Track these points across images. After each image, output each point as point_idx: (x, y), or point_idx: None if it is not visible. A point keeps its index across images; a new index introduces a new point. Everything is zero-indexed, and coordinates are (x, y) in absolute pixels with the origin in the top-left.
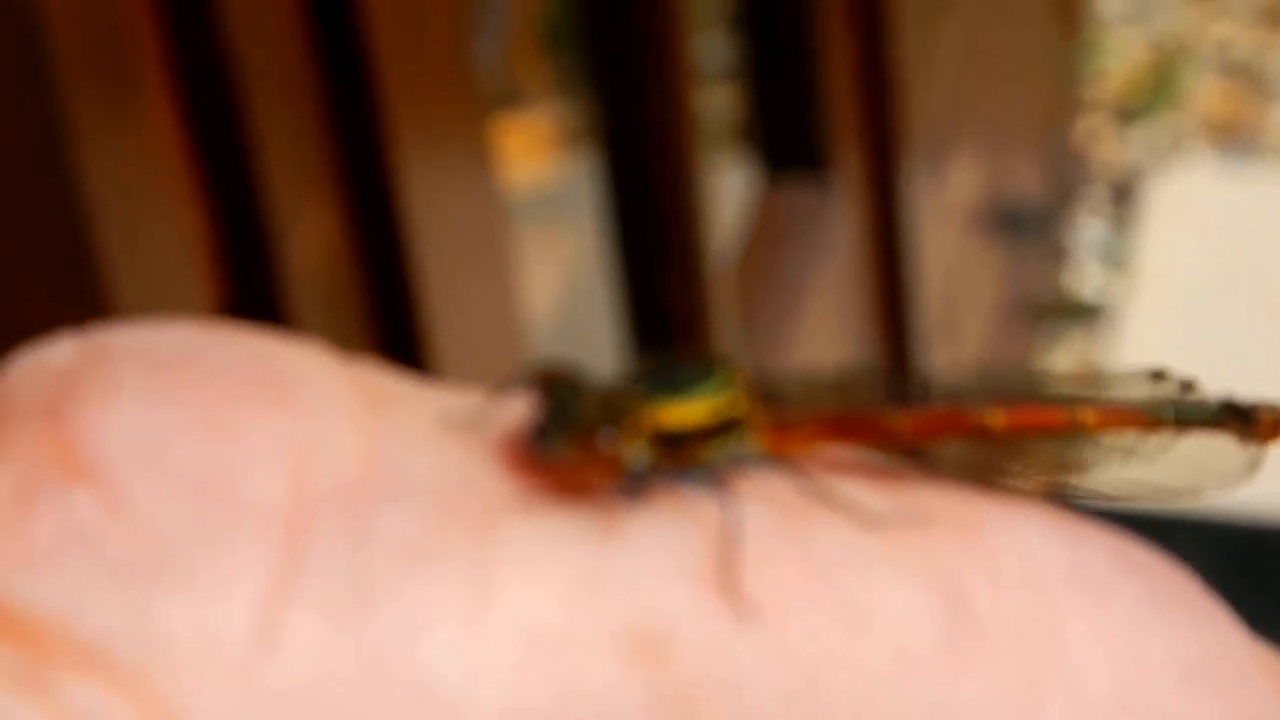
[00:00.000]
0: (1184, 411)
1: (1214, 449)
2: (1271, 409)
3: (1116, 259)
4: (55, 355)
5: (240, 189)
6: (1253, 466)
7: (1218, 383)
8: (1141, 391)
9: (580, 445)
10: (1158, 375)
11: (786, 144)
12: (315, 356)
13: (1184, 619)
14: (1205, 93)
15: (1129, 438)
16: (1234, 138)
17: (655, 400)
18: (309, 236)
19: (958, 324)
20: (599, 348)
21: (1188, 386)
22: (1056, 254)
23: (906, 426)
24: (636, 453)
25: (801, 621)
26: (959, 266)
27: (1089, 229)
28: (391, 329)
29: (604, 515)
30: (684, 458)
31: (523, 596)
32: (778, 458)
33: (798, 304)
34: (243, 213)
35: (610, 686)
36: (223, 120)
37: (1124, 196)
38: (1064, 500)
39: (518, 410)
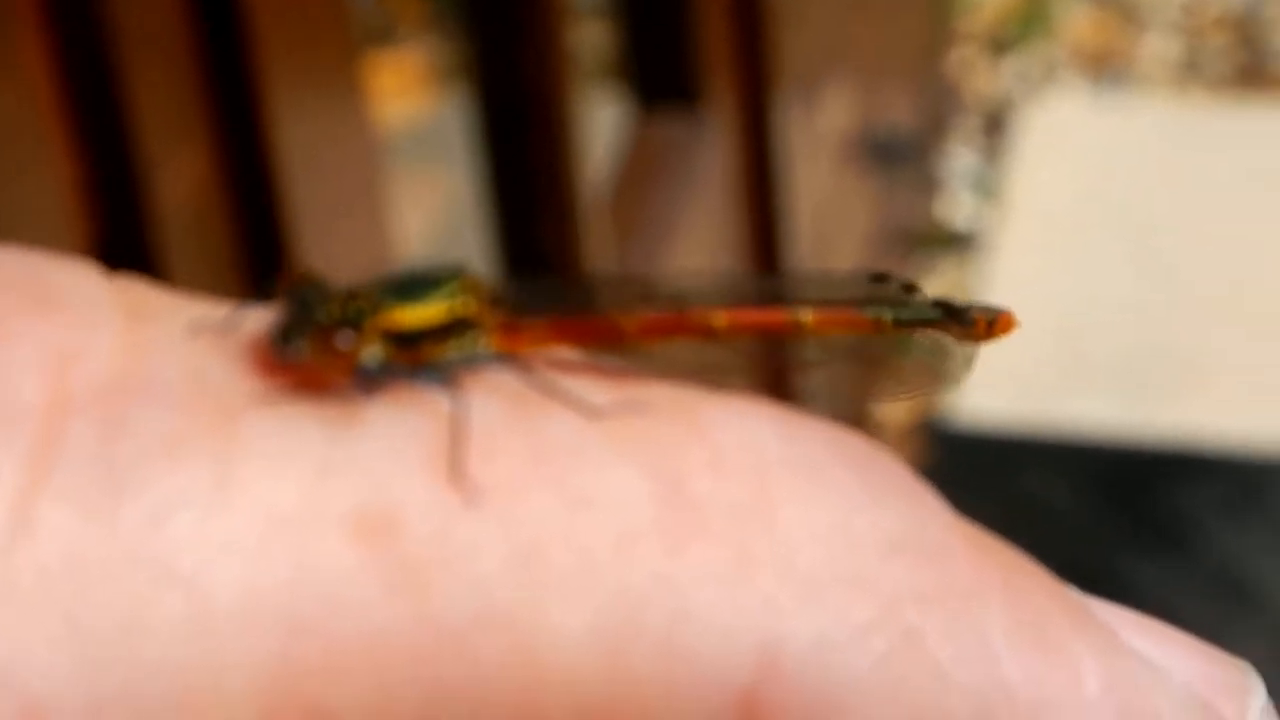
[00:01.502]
0: (902, 313)
1: (932, 351)
2: (985, 310)
3: (988, 188)
4: None
5: (111, 125)
6: (968, 365)
7: (1088, 307)
8: (863, 293)
9: (319, 345)
10: (880, 278)
11: (659, 78)
12: (81, 270)
13: (892, 499)
14: (1076, 23)
15: (850, 338)
16: (1104, 67)
17: (390, 303)
18: (181, 172)
19: (831, 254)
20: None
21: (909, 289)
22: (929, 184)
23: (632, 326)
24: (372, 352)
25: (525, 502)
26: (832, 197)
27: (961, 159)
28: (263, 265)
29: (341, 409)
30: (417, 356)
31: (261, 483)
32: (508, 356)
33: (672, 237)
34: (114, 149)
35: (342, 564)
36: (93, 57)
37: (996, 126)
38: (791, 397)
39: (265, 316)
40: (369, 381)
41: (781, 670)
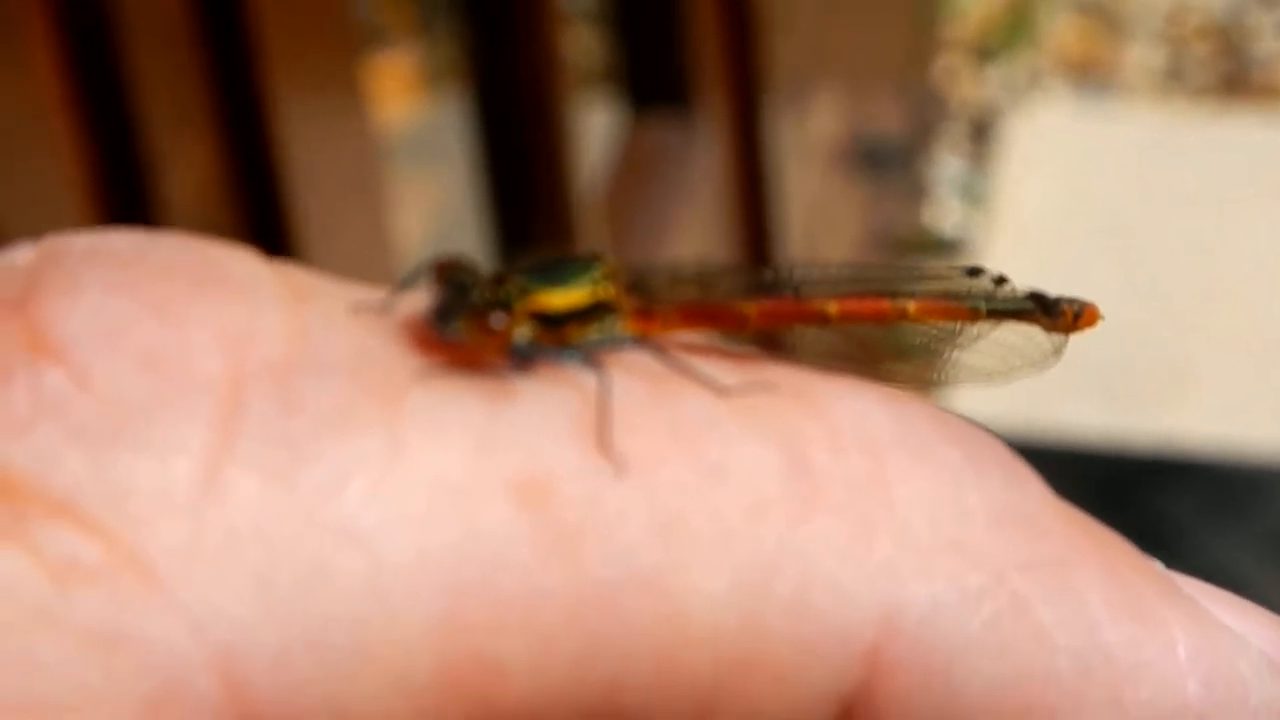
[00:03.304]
0: (995, 303)
1: (1024, 336)
2: (1072, 302)
3: (975, 195)
4: (19, 256)
5: (119, 125)
6: (1058, 353)
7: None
8: (960, 285)
9: (474, 326)
10: (975, 271)
11: (652, 82)
12: (247, 256)
13: (996, 475)
14: (1061, 31)
15: (949, 325)
16: (1089, 75)
17: (538, 287)
18: (187, 169)
19: (820, 259)
20: None
21: (1001, 280)
22: (916, 190)
23: (754, 313)
24: (522, 332)
25: (665, 472)
26: (821, 202)
27: (948, 166)
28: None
29: (495, 385)
30: (563, 337)
31: (428, 452)
32: (643, 339)
33: (664, 239)
34: (122, 146)
35: (504, 526)
36: (102, 58)
37: (982, 133)
38: (898, 380)
39: (420, 299)
40: (519, 360)
41: (901, 631)
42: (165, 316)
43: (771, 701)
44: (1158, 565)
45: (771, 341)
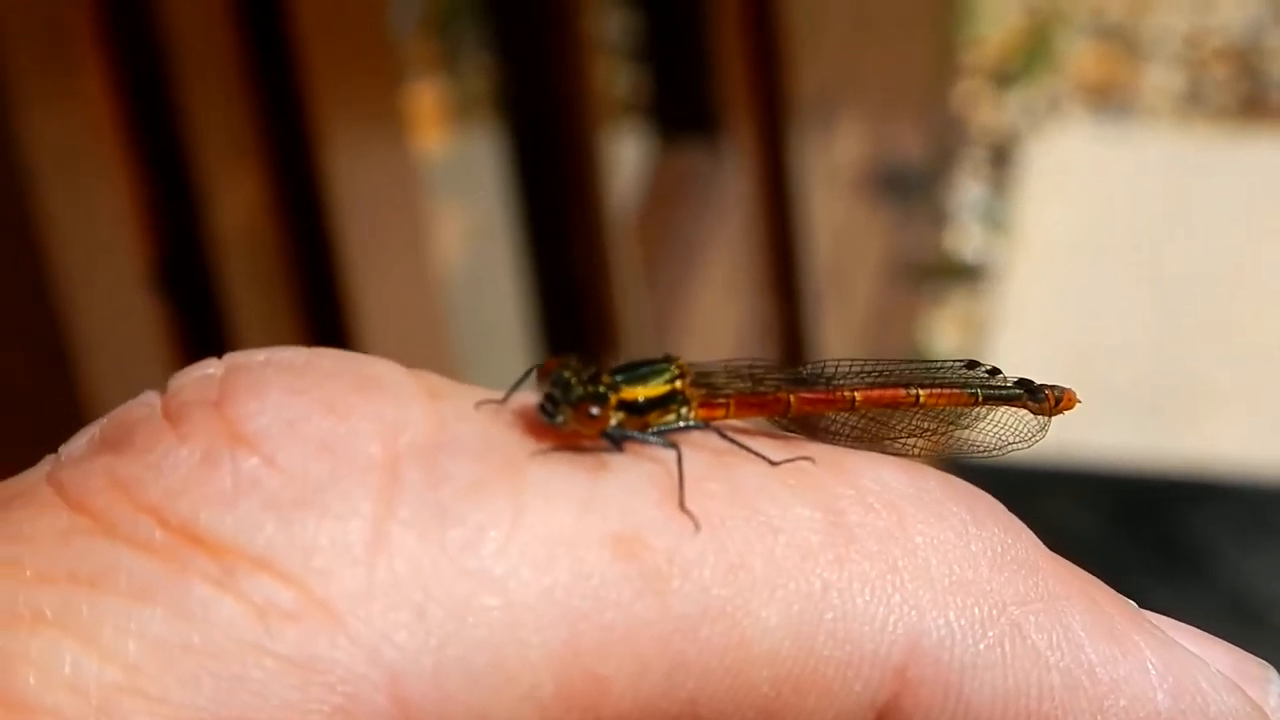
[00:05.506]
0: (989, 391)
1: (1015, 418)
2: (1054, 389)
3: (996, 220)
4: (209, 368)
5: (172, 154)
6: (1043, 431)
7: (1098, 336)
8: (960, 376)
9: (577, 415)
10: (973, 364)
11: (680, 110)
12: (392, 365)
13: (994, 526)
14: (1080, 56)
15: (953, 410)
16: (1108, 99)
17: (626, 384)
18: (236, 199)
19: (846, 283)
20: (506, 309)
21: (994, 371)
22: (939, 216)
23: (795, 401)
24: (614, 419)
25: (730, 527)
26: (847, 228)
27: (969, 191)
28: (314, 286)
29: (595, 461)
30: (645, 423)
31: (544, 513)
32: (707, 423)
33: (693, 263)
34: (174, 176)
35: (605, 570)
36: (155, 90)
37: (1003, 159)
38: (914, 454)
39: (530, 395)
40: (612, 441)
41: (923, 652)
42: (334, 411)
43: (821, 712)
44: (1131, 604)
45: (812, 426)
